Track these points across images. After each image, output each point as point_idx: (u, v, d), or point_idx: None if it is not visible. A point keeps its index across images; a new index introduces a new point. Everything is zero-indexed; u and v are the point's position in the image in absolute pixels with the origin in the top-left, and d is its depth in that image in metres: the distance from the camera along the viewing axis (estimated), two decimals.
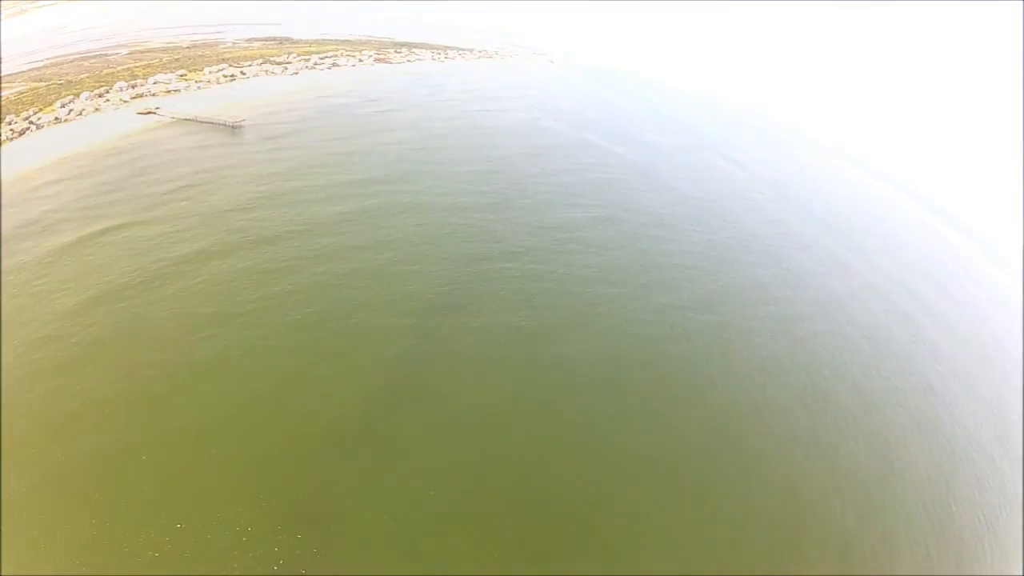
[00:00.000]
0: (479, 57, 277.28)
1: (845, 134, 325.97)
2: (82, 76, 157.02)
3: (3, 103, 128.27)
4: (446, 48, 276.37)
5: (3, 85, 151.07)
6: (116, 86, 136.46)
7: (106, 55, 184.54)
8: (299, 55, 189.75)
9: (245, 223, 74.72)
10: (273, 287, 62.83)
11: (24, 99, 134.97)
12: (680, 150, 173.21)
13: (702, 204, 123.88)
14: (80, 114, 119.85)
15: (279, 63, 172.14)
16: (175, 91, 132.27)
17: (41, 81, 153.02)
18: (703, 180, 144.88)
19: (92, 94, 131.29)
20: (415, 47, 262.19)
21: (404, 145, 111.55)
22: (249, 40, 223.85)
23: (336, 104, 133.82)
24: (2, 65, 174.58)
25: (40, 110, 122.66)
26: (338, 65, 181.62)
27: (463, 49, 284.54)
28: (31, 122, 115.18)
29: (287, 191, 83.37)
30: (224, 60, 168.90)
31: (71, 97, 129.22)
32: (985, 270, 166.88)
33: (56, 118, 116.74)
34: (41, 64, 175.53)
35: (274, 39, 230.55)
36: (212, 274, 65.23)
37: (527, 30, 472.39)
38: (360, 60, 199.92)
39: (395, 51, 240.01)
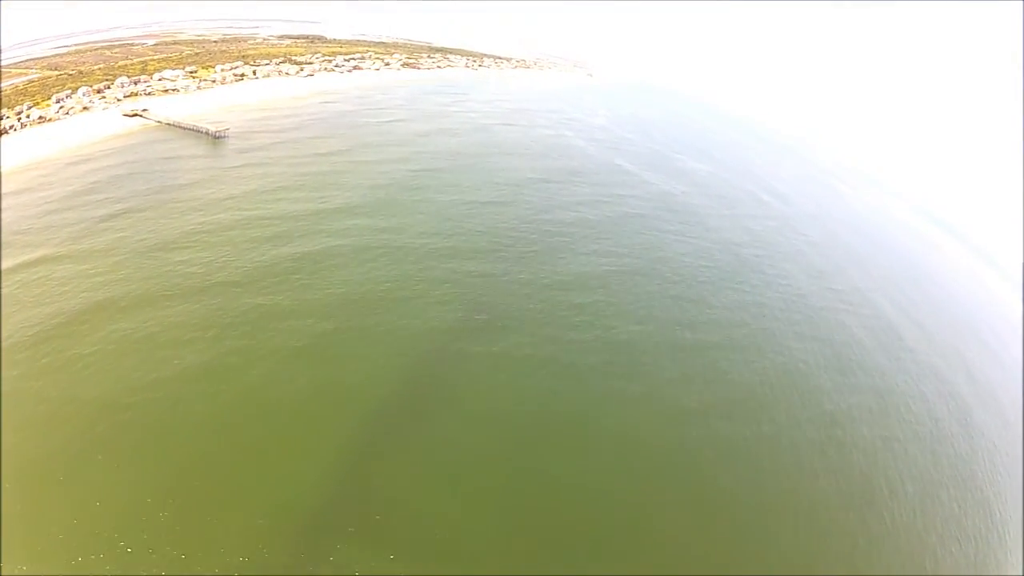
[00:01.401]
0: (515, 66, 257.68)
1: (862, 147, 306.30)
2: (96, 67, 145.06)
3: (9, 93, 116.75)
4: (483, 55, 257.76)
5: (18, 71, 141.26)
6: (118, 81, 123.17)
7: (132, 45, 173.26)
8: (324, 56, 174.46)
9: (172, 267, 58.11)
10: (170, 368, 45.84)
11: (30, 89, 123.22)
12: (719, 180, 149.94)
13: (744, 252, 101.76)
14: (68, 113, 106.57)
15: (298, 63, 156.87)
16: (174, 91, 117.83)
17: (55, 70, 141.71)
18: (743, 218, 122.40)
19: (91, 89, 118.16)
20: (451, 53, 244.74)
21: (400, 165, 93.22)
22: (280, 37, 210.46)
23: (339, 111, 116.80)
24: (26, 49, 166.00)
25: (35, 104, 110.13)
26: (360, 68, 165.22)
27: (500, 58, 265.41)
28: (19, 119, 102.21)
29: (238, 223, 66.47)
30: (242, 57, 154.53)
31: (69, 92, 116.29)
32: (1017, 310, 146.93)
33: (42, 116, 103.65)
34: (65, 50, 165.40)
35: (306, 37, 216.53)
36: (109, 340, 48.85)
37: (569, 41, 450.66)
38: (387, 64, 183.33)
39: (428, 56, 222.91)
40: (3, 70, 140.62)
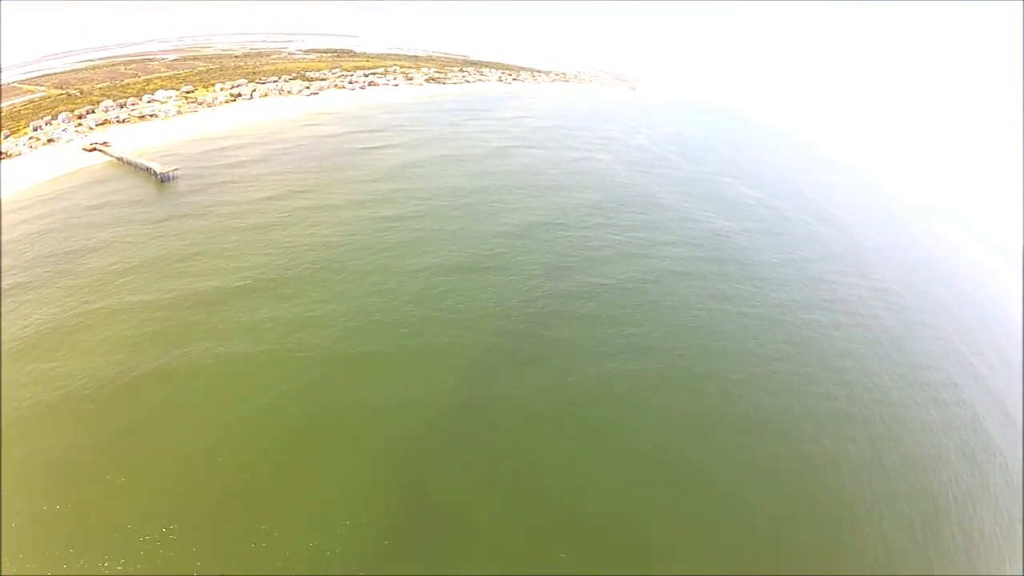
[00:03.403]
0: (553, 80, 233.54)
1: (878, 150, 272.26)
2: (100, 85, 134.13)
3: (4, 116, 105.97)
4: (519, 68, 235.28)
5: (28, 88, 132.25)
6: (102, 105, 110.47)
7: (150, 60, 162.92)
8: (343, 71, 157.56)
9: (20, 390, 40.15)
10: None
11: (24, 112, 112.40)
12: (772, 210, 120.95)
13: (813, 322, 74.11)
14: (32, 147, 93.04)
15: (309, 79, 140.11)
16: (152, 116, 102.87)
17: (61, 88, 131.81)
18: (804, 264, 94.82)
19: (71, 115, 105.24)
20: (485, 66, 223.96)
21: (368, 211, 71.89)
22: (307, 51, 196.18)
23: (322, 136, 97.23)
24: (48, 63, 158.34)
25: (11, 134, 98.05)
26: (375, 84, 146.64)
27: (537, 71, 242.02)
28: None
29: (121, 313, 48.18)
30: (252, 74, 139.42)
31: (49, 118, 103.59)
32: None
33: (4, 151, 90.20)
34: (83, 66, 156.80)
35: (333, 51, 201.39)
36: None
37: (613, 54, 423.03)
38: (410, 79, 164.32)
39: (460, 70, 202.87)
40: (15, 86, 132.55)
